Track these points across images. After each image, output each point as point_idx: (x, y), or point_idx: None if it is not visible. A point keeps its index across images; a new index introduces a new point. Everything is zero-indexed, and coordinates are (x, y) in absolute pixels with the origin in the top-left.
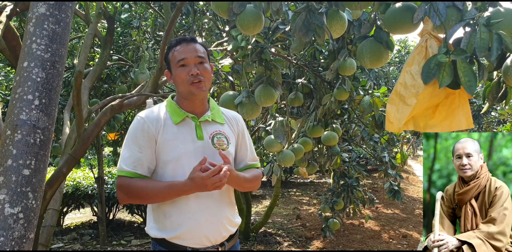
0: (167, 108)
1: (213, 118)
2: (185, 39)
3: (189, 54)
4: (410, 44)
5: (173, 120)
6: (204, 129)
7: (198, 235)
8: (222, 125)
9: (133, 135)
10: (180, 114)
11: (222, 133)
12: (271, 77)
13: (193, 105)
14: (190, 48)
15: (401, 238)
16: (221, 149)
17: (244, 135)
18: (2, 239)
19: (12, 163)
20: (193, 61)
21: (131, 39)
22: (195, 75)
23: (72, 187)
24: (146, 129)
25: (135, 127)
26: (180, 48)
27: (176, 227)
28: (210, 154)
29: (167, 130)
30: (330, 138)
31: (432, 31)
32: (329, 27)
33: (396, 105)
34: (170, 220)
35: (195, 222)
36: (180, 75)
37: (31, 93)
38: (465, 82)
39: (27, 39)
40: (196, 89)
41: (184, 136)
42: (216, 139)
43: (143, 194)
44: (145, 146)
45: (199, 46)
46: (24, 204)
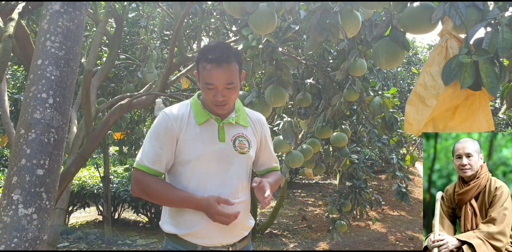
0: (192, 107)
1: (236, 120)
2: (218, 59)
3: (218, 81)
4: (418, 45)
5: (197, 121)
6: (226, 131)
7: (209, 235)
8: (245, 128)
9: (156, 131)
10: (204, 115)
11: (244, 136)
12: (281, 77)
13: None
14: (219, 72)
15: (407, 241)
16: (241, 152)
17: (267, 138)
18: (16, 241)
19: (26, 163)
20: (221, 87)
21: (139, 39)
22: (220, 101)
23: (78, 186)
24: (170, 127)
25: (159, 123)
26: (211, 69)
27: (188, 225)
28: (230, 156)
29: (189, 130)
30: (339, 139)
31: (452, 31)
32: (344, 27)
33: (416, 107)
34: (184, 217)
35: (207, 222)
36: (206, 94)
37: (45, 92)
38: (487, 84)
39: (41, 37)
40: (219, 110)
41: (205, 137)
42: (238, 142)
43: (156, 194)
44: (166, 143)
45: (232, 68)
46: (38, 204)
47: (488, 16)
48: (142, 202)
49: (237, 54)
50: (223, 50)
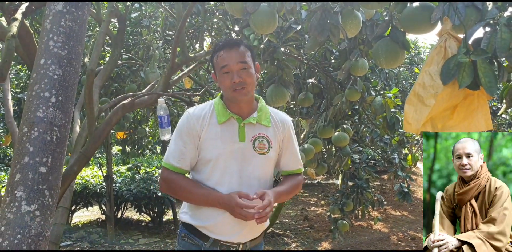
0: (215, 106)
1: (258, 120)
2: (228, 43)
3: (231, 61)
4: (420, 45)
5: (218, 120)
6: (247, 131)
7: (223, 230)
8: (267, 128)
9: (180, 130)
10: (225, 114)
11: (265, 136)
12: (283, 77)
13: (239, 107)
14: (232, 54)
15: (409, 241)
16: (260, 152)
17: (291, 139)
18: (19, 237)
19: (29, 160)
20: (235, 68)
21: (142, 38)
22: (238, 83)
23: (80, 185)
24: (192, 126)
25: (182, 122)
26: (223, 54)
27: (205, 218)
28: (249, 156)
29: (210, 129)
30: (341, 138)
31: (451, 31)
32: (344, 27)
33: (415, 106)
34: (201, 210)
35: (224, 218)
36: (223, 82)
37: (47, 91)
38: (486, 83)
39: (44, 36)
40: (239, 95)
41: (225, 136)
42: (258, 142)
43: (181, 192)
44: (189, 142)
45: (243, 50)
46: (41, 201)
47: (486, 16)
48: (144, 202)
49: (245, 42)
50: (230, 39)
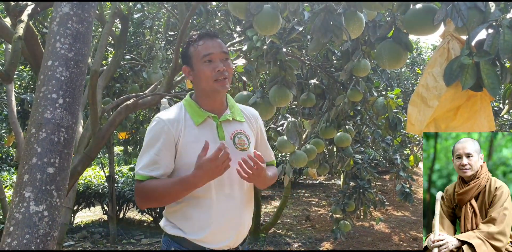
0: (186, 108)
1: (233, 117)
2: (208, 34)
3: (215, 50)
4: (422, 46)
5: (194, 122)
6: (225, 129)
7: (220, 238)
8: (241, 124)
9: (152, 137)
10: (201, 114)
11: (243, 132)
12: (285, 78)
13: (214, 104)
14: (215, 43)
15: (411, 241)
16: (242, 149)
17: (263, 132)
18: (28, 237)
19: (37, 161)
20: (219, 57)
21: (144, 39)
22: (222, 72)
23: (83, 186)
24: (166, 131)
25: (155, 129)
26: (204, 43)
27: (198, 230)
28: (232, 154)
29: (188, 132)
30: (343, 139)
31: (454, 33)
32: (347, 28)
33: (418, 107)
34: (191, 223)
35: (217, 226)
36: (204, 71)
37: (55, 92)
38: (488, 85)
39: (51, 38)
40: (220, 86)
41: (205, 137)
42: (237, 139)
43: (156, 194)
44: (163, 149)
45: (222, 42)
46: (49, 202)
47: (489, 18)
48: None
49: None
50: (207, 30)
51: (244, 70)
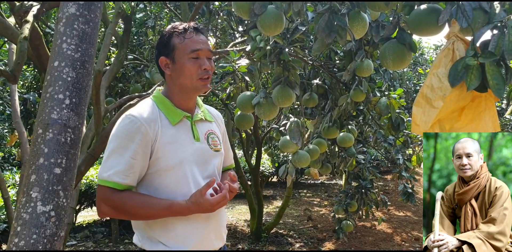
0: (159, 106)
1: (204, 116)
2: (197, 28)
3: (203, 46)
4: (424, 46)
5: (171, 121)
6: (198, 129)
7: (206, 244)
8: (211, 123)
9: (126, 138)
10: (177, 114)
11: (214, 132)
12: (289, 78)
13: (189, 103)
14: (204, 39)
15: (413, 241)
16: (216, 149)
17: (226, 134)
18: (35, 237)
19: (44, 162)
20: (206, 54)
21: (147, 39)
22: (207, 70)
23: (85, 185)
24: (143, 131)
25: (128, 128)
26: (192, 37)
27: (184, 240)
28: (208, 156)
29: (164, 132)
30: (346, 139)
31: (459, 34)
32: (351, 28)
33: (423, 108)
34: (175, 233)
35: (202, 232)
36: (189, 68)
37: (62, 93)
38: (493, 86)
39: (58, 39)
40: (203, 86)
41: (182, 138)
42: (211, 139)
43: (134, 211)
44: (140, 152)
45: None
46: (56, 202)
47: (494, 19)
48: None
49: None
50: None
51: (247, 70)
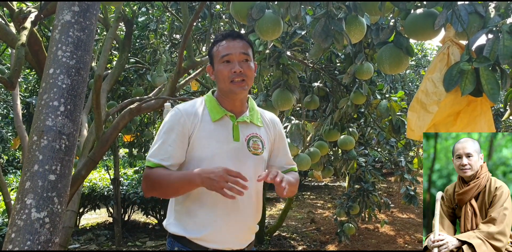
0: (206, 103)
1: (251, 119)
2: (231, 34)
3: (234, 50)
4: (427, 47)
5: (211, 117)
6: (241, 130)
7: (221, 239)
8: (259, 128)
9: (168, 127)
10: (219, 111)
11: (258, 136)
12: (288, 81)
13: (233, 104)
14: (235, 44)
15: (416, 243)
16: (255, 152)
17: (283, 138)
18: (29, 243)
19: (39, 168)
20: (237, 58)
21: (149, 42)
22: (238, 73)
23: (88, 188)
24: (182, 123)
25: (172, 119)
26: (225, 44)
27: (200, 228)
28: (244, 156)
29: (203, 127)
30: (346, 142)
31: (454, 38)
32: (348, 33)
33: (417, 113)
34: (194, 220)
35: (220, 225)
36: (222, 72)
37: (56, 100)
38: (488, 90)
39: (53, 46)
40: (237, 88)
41: (220, 135)
42: (252, 142)
43: (159, 183)
44: (177, 140)
45: (245, 43)
46: (50, 208)
47: (489, 23)
48: (151, 204)
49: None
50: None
51: None
